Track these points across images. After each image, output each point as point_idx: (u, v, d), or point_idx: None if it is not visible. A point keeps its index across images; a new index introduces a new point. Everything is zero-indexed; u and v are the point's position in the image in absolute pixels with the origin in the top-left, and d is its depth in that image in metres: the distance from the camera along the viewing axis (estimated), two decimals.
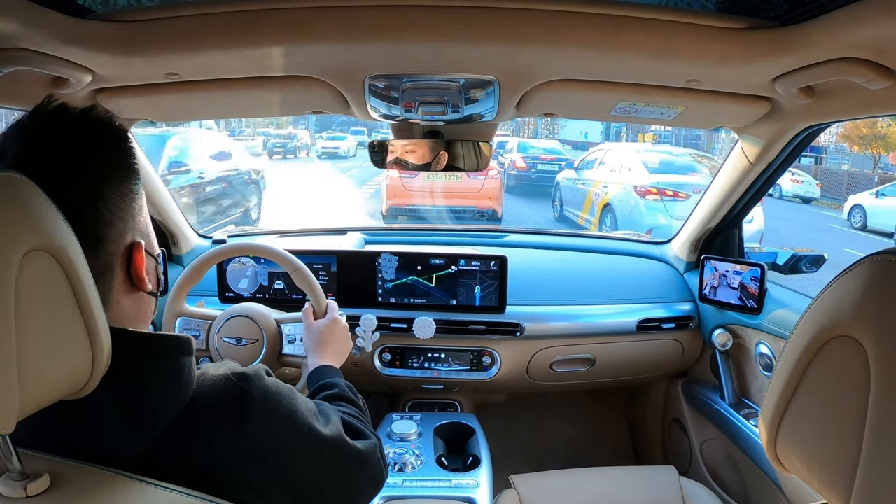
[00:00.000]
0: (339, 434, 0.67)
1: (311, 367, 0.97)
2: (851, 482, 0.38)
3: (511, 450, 1.98)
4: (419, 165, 1.27)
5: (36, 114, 0.51)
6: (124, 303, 0.55)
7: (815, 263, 1.49)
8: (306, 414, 0.63)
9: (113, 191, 0.53)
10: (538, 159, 10.84)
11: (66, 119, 0.52)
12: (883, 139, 15.92)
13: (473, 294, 1.54)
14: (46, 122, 0.51)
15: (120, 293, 0.55)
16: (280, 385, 0.62)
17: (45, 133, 0.51)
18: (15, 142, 0.50)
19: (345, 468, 0.67)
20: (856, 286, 0.41)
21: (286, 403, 0.60)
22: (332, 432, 0.65)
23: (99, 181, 0.52)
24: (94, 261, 0.49)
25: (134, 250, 0.56)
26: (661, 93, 1.01)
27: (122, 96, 1.02)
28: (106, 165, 0.53)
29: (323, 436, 0.63)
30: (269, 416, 0.58)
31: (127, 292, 0.56)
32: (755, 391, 1.49)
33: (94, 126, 0.53)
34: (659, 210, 6.33)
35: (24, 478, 0.44)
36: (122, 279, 0.55)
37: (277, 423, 0.58)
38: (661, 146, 13.14)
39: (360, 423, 0.76)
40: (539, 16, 0.76)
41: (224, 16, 0.77)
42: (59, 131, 0.51)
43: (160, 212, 1.55)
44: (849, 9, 0.65)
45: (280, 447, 0.58)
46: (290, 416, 0.60)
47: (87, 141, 0.53)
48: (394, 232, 2.09)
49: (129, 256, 0.55)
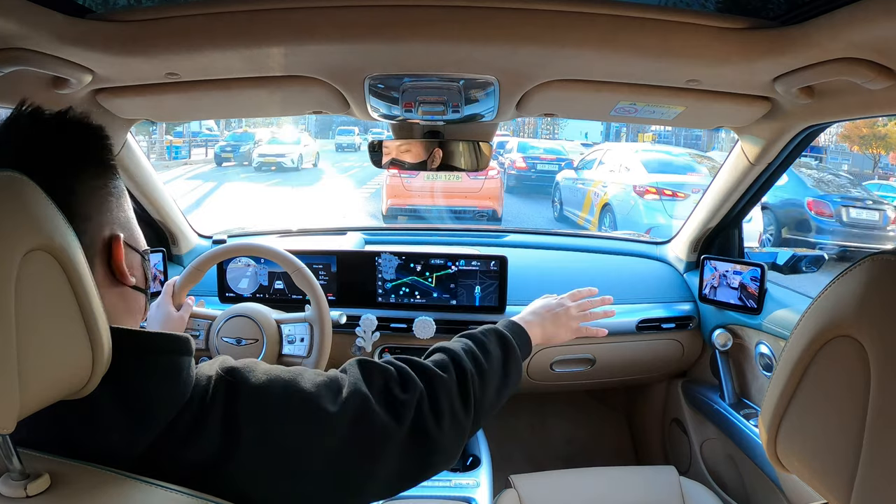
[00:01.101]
0: (363, 402, 0.61)
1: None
2: (851, 482, 0.38)
3: (511, 450, 1.98)
4: (414, 164, 1.27)
5: (14, 119, 0.52)
6: (107, 296, 0.55)
7: (815, 263, 1.49)
8: (311, 394, 0.59)
9: (88, 186, 0.54)
10: (538, 159, 10.85)
11: (41, 121, 0.53)
12: (883, 139, 15.92)
13: (473, 294, 1.54)
14: (23, 125, 0.52)
15: (102, 287, 0.54)
16: (275, 371, 0.60)
17: (21, 135, 0.52)
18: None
19: (373, 446, 0.60)
20: (856, 286, 0.41)
21: (279, 391, 0.58)
22: (354, 402, 0.60)
23: (72, 178, 0.53)
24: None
25: (112, 243, 0.57)
26: (660, 93, 1.01)
27: (122, 96, 1.02)
28: (80, 163, 0.54)
29: (331, 416, 0.58)
30: (262, 407, 0.56)
31: (109, 286, 0.57)
32: (755, 391, 1.49)
33: (69, 126, 0.54)
34: (658, 210, 6.34)
35: (25, 477, 0.44)
36: (104, 273, 0.56)
37: (272, 413, 0.57)
38: (660, 146, 13.16)
39: (402, 381, 0.67)
40: (539, 16, 0.76)
41: (224, 16, 0.77)
42: (36, 132, 0.52)
43: (160, 212, 1.55)
44: (849, 9, 0.65)
45: (276, 440, 0.56)
46: (286, 404, 0.58)
47: (63, 140, 0.54)
48: (394, 232, 2.09)
49: (108, 250, 0.56)
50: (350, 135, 19.19)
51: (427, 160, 1.26)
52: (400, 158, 1.27)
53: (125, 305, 0.59)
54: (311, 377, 0.61)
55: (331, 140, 20.67)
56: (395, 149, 1.27)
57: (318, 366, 1.16)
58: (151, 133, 14.66)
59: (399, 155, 1.27)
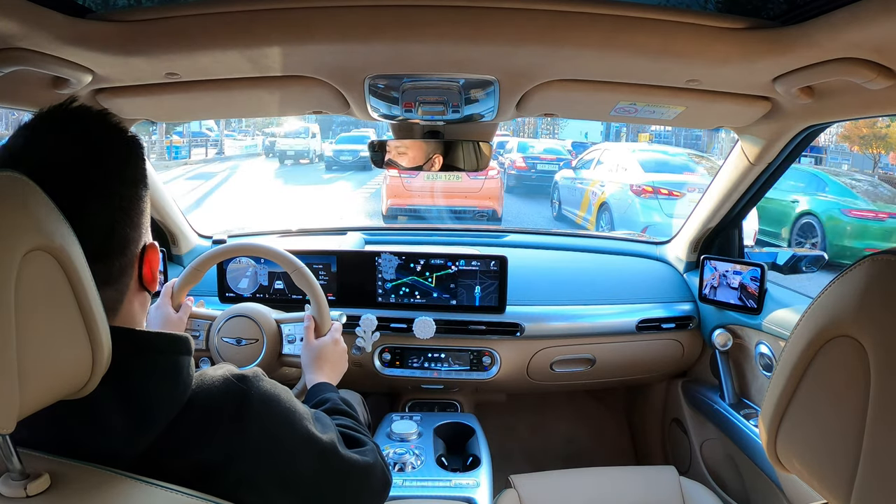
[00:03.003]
0: (337, 442, 0.67)
1: (308, 383, 0.98)
2: (851, 482, 0.38)
3: (511, 450, 1.98)
4: (414, 165, 1.27)
5: (53, 116, 0.52)
6: (134, 303, 0.58)
7: (815, 263, 1.49)
8: (304, 417, 0.63)
9: (133, 195, 0.55)
10: (538, 159, 10.86)
11: (88, 122, 0.53)
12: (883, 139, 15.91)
13: (473, 294, 1.54)
14: (67, 125, 0.52)
15: (132, 293, 0.57)
16: (278, 387, 0.62)
17: (65, 137, 0.52)
18: (33, 145, 0.51)
19: (346, 478, 0.66)
20: (855, 286, 0.41)
21: (285, 405, 0.61)
22: (329, 439, 0.65)
23: (126, 188, 0.54)
24: (118, 262, 0.53)
25: (148, 250, 0.58)
26: (661, 93, 1.01)
27: (122, 96, 1.02)
28: (129, 173, 0.55)
29: (321, 440, 0.63)
30: (268, 416, 0.58)
31: (137, 292, 0.58)
32: (755, 391, 1.49)
33: (115, 132, 0.55)
34: (654, 208, 6.38)
35: (25, 477, 0.44)
36: (135, 280, 0.57)
37: (276, 424, 0.59)
38: (657, 146, 13.19)
39: (357, 434, 0.75)
40: (539, 16, 0.76)
41: (224, 16, 0.77)
42: (82, 136, 0.52)
43: (160, 212, 1.55)
44: (849, 9, 0.65)
45: (279, 447, 0.58)
46: (289, 418, 0.60)
47: (111, 148, 0.54)
48: (394, 232, 2.09)
49: (141, 258, 0.57)
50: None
51: (427, 160, 1.26)
52: (400, 158, 1.27)
53: (142, 310, 0.60)
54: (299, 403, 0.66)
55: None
56: (395, 149, 1.27)
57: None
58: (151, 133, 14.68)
59: (399, 155, 1.27)
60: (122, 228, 0.54)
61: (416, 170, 1.30)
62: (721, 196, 1.49)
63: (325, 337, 1.09)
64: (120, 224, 0.53)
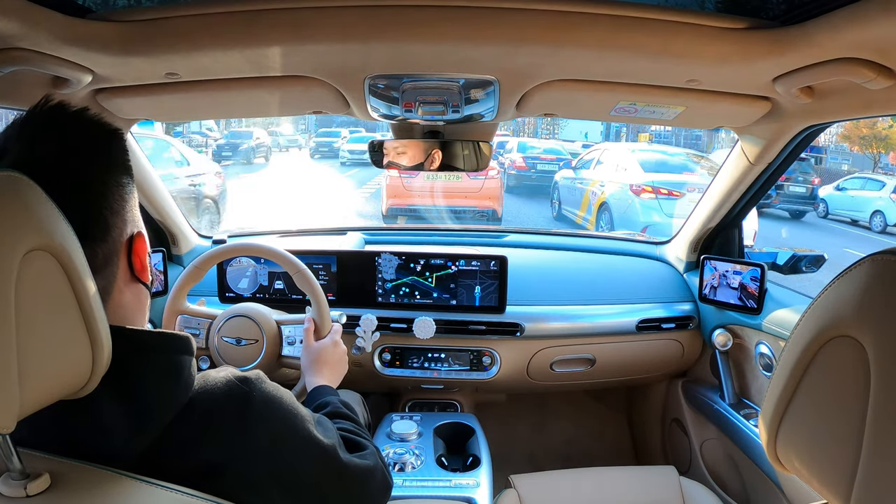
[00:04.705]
0: (338, 446, 0.67)
1: (308, 386, 0.98)
2: (851, 482, 0.38)
3: (511, 450, 1.98)
4: (414, 165, 1.27)
5: (34, 114, 0.52)
6: (125, 293, 0.57)
7: (815, 263, 1.49)
8: (306, 420, 0.63)
9: (115, 182, 0.55)
10: (538, 159, 10.85)
11: (65, 118, 0.53)
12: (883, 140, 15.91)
13: (473, 294, 1.54)
14: (46, 121, 0.52)
15: (122, 283, 0.57)
16: (280, 389, 0.62)
17: (46, 132, 0.52)
18: (16, 141, 0.51)
19: (347, 482, 0.67)
20: (856, 286, 0.41)
21: (287, 408, 0.61)
22: (331, 443, 0.65)
23: (104, 173, 0.54)
24: (100, 249, 0.52)
25: (136, 239, 0.58)
26: (660, 93, 1.01)
27: (122, 96, 1.02)
28: (106, 160, 0.55)
29: (323, 444, 0.63)
30: (271, 418, 0.58)
31: (127, 282, 0.58)
32: (755, 391, 1.49)
33: (91, 125, 0.55)
34: (654, 208, 6.40)
35: (25, 477, 0.44)
36: (125, 269, 0.57)
37: (278, 426, 0.59)
38: (657, 146, 13.21)
39: (358, 437, 0.76)
40: (539, 16, 0.76)
41: (224, 16, 0.77)
42: (60, 130, 0.53)
43: (160, 212, 1.55)
44: (849, 9, 0.65)
45: (281, 449, 0.58)
46: (291, 421, 0.61)
47: (88, 139, 0.54)
48: (394, 232, 2.09)
49: (129, 247, 0.57)
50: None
51: (427, 160, 1.26)
52: (400, 158, 1.27)
53: (138, 303, 0.60)
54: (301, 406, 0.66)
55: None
56: (395, 149, 1.27)
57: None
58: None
59: (399, 155, 1.27)
60: (99, 212, 0.53)
61: (417, 170, 1.30)
62: (721, 196, 1.49)
63: (325, 339, 1.09)
64: (97, 208, 0.53)
